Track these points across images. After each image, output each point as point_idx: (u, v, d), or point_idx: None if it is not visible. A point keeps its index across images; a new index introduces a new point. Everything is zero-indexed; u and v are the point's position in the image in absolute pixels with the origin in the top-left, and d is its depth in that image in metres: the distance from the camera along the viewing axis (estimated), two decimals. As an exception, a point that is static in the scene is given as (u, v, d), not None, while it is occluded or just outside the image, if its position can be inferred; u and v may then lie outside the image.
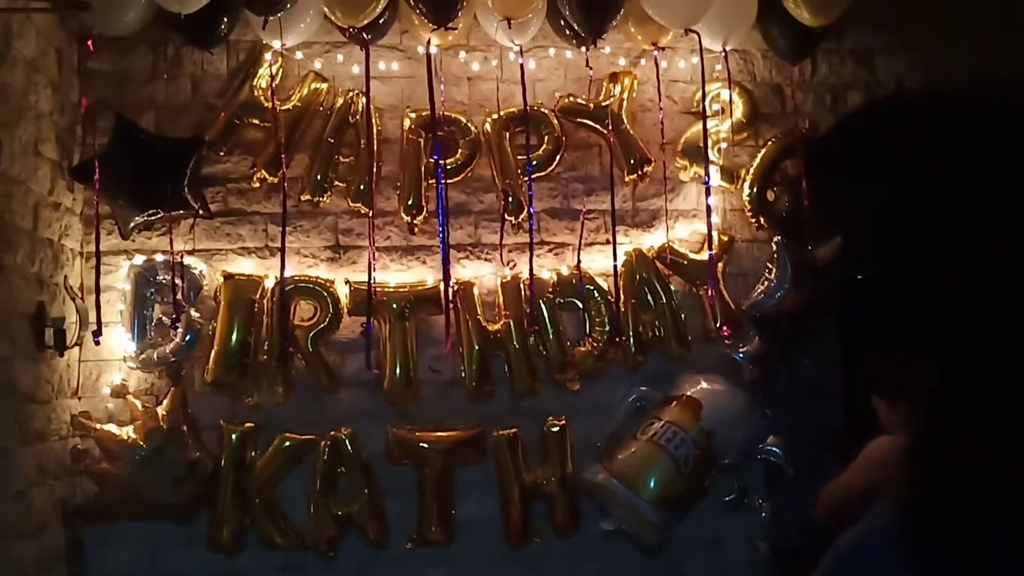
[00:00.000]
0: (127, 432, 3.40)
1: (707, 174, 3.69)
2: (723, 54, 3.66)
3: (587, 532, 3.61)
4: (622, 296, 3.70)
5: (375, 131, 3.64)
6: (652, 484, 3.44)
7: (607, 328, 3.69)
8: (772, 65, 3.95)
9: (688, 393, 3.61)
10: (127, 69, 3.65)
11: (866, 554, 1.23)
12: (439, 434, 3.62)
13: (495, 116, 3.74)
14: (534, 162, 3.70)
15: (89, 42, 3.44)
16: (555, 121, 3.77)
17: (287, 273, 3.54)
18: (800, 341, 3.88)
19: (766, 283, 3.74)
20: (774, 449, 3.74)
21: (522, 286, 3.67)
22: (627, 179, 3.81)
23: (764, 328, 3.76)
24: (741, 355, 3.77)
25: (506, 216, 3.71)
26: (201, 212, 3.54)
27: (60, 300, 3.34)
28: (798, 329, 3.78)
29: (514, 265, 3.73)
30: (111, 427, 3.42)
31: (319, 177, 3.67)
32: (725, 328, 3.71)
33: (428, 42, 3.51)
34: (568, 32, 3.55)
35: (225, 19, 3.42)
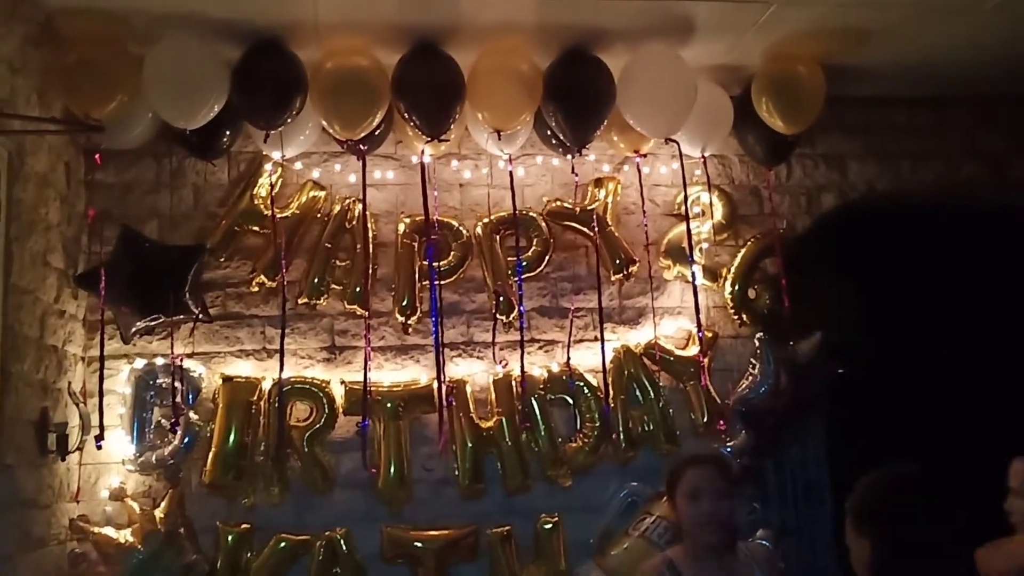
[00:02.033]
0: (124, 535, 3.42)
1: (693, 274, 3.84)
2: (702, 160, 3.85)
3: (581, 631, 3.62)
4: (611, 392, 3.80)
5: (371, 236, 3.78)
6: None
7: (597, 424, 3.78)
8: (749, 169, 4.15)
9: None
10: (132, 180, 3.80)
11: None
12: (432, 533, 3.65)
13: (486, 220, 3.90)
14: (524, 263, 3.84)
15: (97, 156, 3.59)
16: (543, 224, 3.93)
17: (284, 374, 3.62)
18: (787, 436, 3.97)
19: (750, 378, 3.85)
20: (765, 543, 3.77)
21: (514, 383, 3.76)
22: (613, 278, 3.95)
23: (751, 423, 3.84)
24: (728, 450, 3.84)
25: (497, 315, 3.83)
26: (201, 316, 3.64)
27: (63, 405, 3.41)
28: (785, 424, 3.87)
29: (506, 363, 3.83)
30: (109, 530, 3.44)
31: (316, 280, 3.79)
32: (721, 422, 3.80)
33: (422, 152, 3.68)
34: (554, 141, 3.74)
35: (227, 133, 3.59)
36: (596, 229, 3.91)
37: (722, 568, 2.60)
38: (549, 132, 3.69)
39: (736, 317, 4.00)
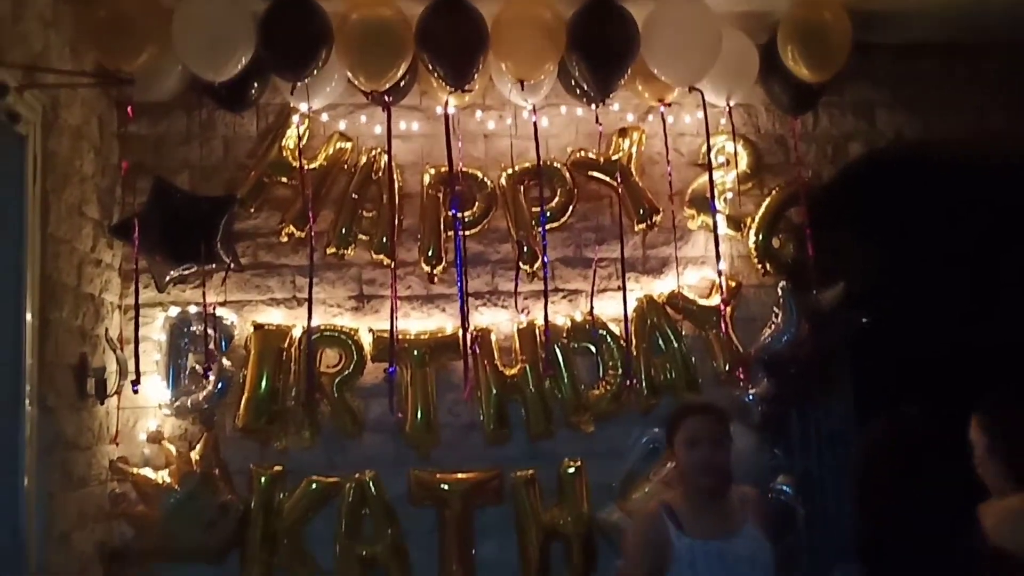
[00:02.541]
0: (162, 476, 3.56)
1: (715, 223, 3.85)
2: (727, 109, 3.83)
3: (603, 571, 3.71)
4: (634, 341, 3.85)
5: (396, 187, 3.83)
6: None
7: (620, 372, 3.83)
8: (775, 118, 4.12)
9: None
10: (164, 133, 3.88)
11: None
12: (459, 476, 3.75)
13: (510, 171, 3.92)
14: (548, 214, 3.87)
15: (129, 109, 3.67)
16: (567, 175, 3.96)
17: (313, 322, 3.71)
18: (811, 385, 4.00)
19: (773, 327, 3.88)
20: (785, 488, 3.82)
21: (537, 332, 3.82)
22: (637, 228, 3.97)
23: (773, 371, 3.87)
24: (751, 397, 3.88)
25: (521, 265, 3.88)
26: (232, 266, 3.74)
27: (100, 351, 3.53)
28: (807, 373, 3.90)
29: (529, 312, 3.89)
30: (147, 471, 3.58)
31: (344, 231, 3.86)
32: (740, 370, 3.84)
33: (446, 103, 3.70)
34: (578, 91, 3.74)
35: (255, 85, 3.64)
36: (620, 179, 3.92)
37: (716, 511, 2.71)
38: (573, 82, 3.70)
39: (760, 266, 4.01)
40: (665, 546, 2.64)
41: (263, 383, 3.71)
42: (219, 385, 3.66)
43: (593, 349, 3.87)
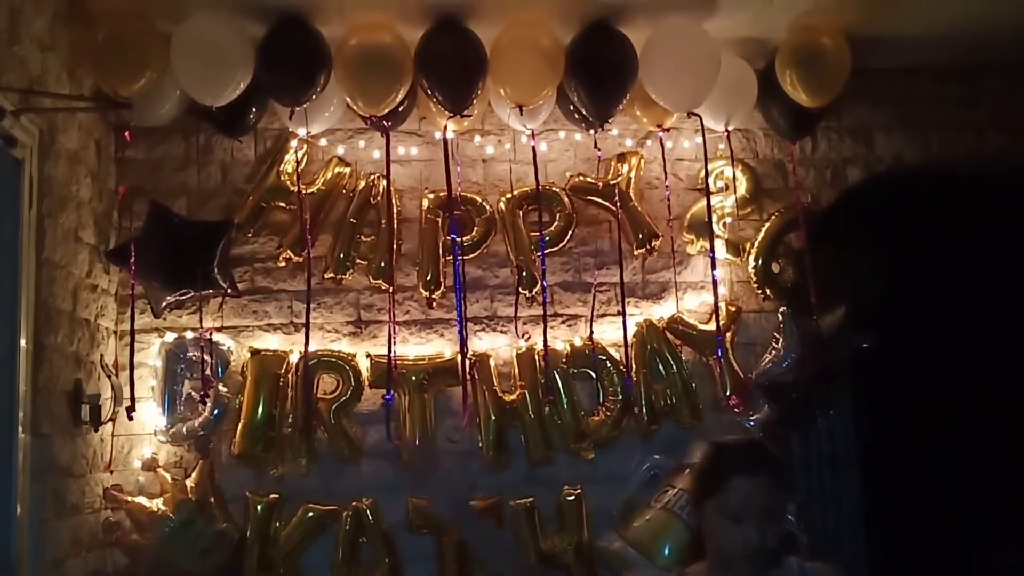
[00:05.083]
0: (157, 504, 3.52)
1: (712, 248, 3.84)
2: (726, 134, 3.84)
3: (603, 600, 3.67)
4: (634, 366, 3.82)
5: (395, 211, 3.81)
6: (667, 551, 3.51)
7: (620, 397, 3.80)
8: (773, 143, 4.12)
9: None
10: (161, 157, 3.87)
11: None
12: (458, 503, 3.71)
13: (509, 195, 3.92)
14: (547, 238, 3.86)
15: (127, 133, 3.66)
16: (566, 199, 3.95)
17: (311, 348, 3.68)
18: (812, 409, 3.98)
19: (774, 352, 3.86)
20: (787, 516, 3.78)
21: (537, 357, 3.79)
22: (636, 253, 3.96)
23: (774, 396, 3.85)
24: (752, 423, 3.85)
25: (520, 290, 3.86)
26: (230, 291, 3.72)
27: (96, 377, 3.50)
28: (809, 397, 3.88)
29: (529, 337, 3.86)
30: (142, 499, 3.54)
31: (342, 256, 3.84)
32: (734, 397, 3.81)
33: (445, 128, 3.70)
34: (577, 116, 3.74)
35: (254, 109, 3.64)
36: (619, 204, 3.92)
37: None
38: (572, 107, 3.70)
39: (760, 291, 3.99)
40: None
41: (260, 409, 3.68)
42: (215, 412, 3.63)
43: (593, 375, 3.85)
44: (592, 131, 3.77)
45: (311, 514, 3.66)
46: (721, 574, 2.02)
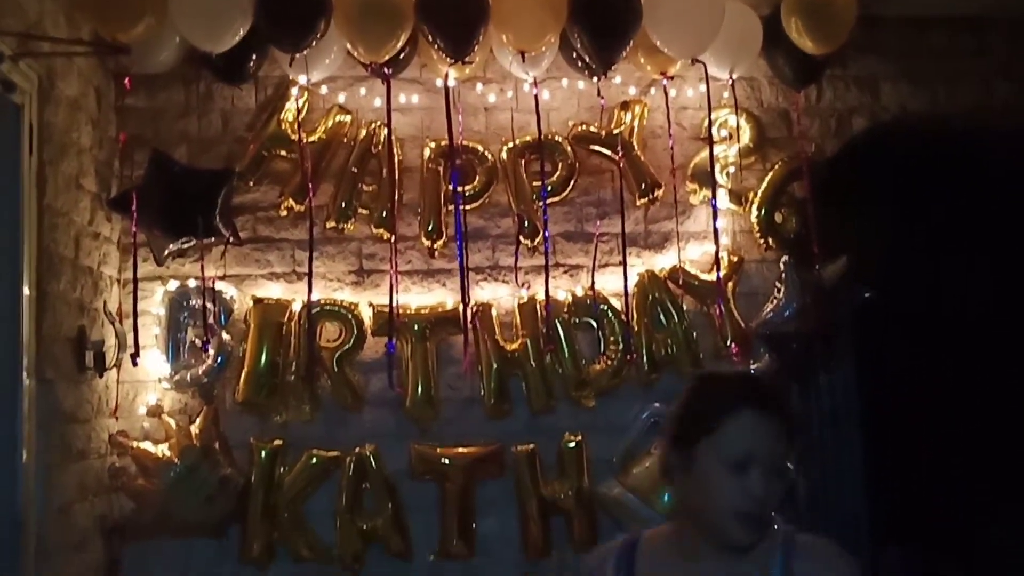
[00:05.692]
0: (162, 450, 3.55)
1: (715, 197, 3.82)
2: (730, 82, 3.79)
3: (604, 545, 3.71)
4: (635, 316, 3.83)
5: (396, 160, 3.80)
6: (666, 498, 3.55)
7: (621, 347, 3.82)
8: (778, 91, 4.08)
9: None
10: (161, 105, 3.85)
11: None
12: (460, 450, 3.74)
13: (511, 145, 3.89)
14: (549, 188, 3.84)
15: (127, 80, 3.64)
16: (569, 148, 3.92)
17: (313, 297, 3.69)
18: (813, 361, 3.98)
19: (775, 301, 3.86)
20: (787, 464, 3.81)
21: (538, 307, 3.80)
22: (639, 203, 3.95)
23: (775, 346, 3.86)
24: (752, 371, 3.87)
25: (522, 240, 3.85)
26: (232, 240, 3.72)
27: (99, 324, 3.52)
28: (810, 348, 3.89)
29: (530, 286, 3.87)
30: (147, 445, 3.57)
31: (343, 205, 3.83)
32: (734, 346, 3.82)
33: (446, 75, 3.66)
34: (580, 64, 3.69)
35: (254, 57, 3.59)
36: (622, 153, 3.89)
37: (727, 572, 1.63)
38: (575, 54, 3.65)
39: (762, 241, 3.98)
40: None
41: (263, 357, 3.70)
42: (219, 359, 3.64)
43: (594, 324, 3.86)
44: (595, 79, 3.73)
45: (314, 460, 3.70)
46: (702, 526, 1.64)
